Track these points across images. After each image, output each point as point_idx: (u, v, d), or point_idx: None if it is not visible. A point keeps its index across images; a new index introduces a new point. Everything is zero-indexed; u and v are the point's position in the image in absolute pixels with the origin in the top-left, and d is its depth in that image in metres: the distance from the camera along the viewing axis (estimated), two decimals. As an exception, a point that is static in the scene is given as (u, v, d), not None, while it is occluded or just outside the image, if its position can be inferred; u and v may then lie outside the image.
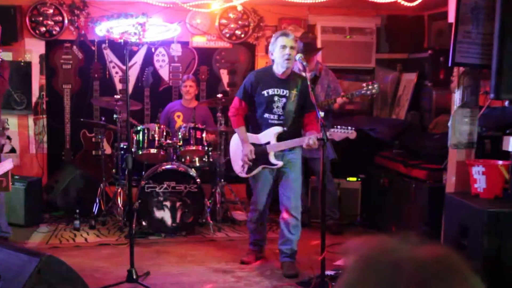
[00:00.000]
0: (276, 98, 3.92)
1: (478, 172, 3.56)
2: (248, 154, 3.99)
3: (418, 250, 0.86)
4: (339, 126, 3.67)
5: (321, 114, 3.38)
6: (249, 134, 4.07)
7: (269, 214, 4.37)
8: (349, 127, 3.67)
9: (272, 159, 3.99)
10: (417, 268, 0.82)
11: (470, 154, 3.86)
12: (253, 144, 4.03)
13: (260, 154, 4.00)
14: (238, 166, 4.13)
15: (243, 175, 4.14)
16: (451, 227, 3.69)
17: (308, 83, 3.59)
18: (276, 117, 3.95)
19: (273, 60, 3.94)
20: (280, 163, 3.98)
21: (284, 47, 3.81)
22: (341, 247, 3.97)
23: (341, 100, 4.85)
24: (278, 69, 3.91)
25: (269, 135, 3.99)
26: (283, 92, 3.92)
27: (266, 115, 3.96)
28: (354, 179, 5.51)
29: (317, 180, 5.21)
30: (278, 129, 3.95)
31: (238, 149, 4.12)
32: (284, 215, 4.02)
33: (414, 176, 4.61)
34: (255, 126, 4.07)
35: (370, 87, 4.71)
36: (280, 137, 3.96)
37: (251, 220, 4.26)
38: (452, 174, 3.90)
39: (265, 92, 3.93)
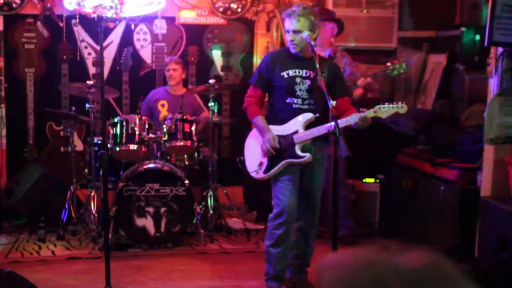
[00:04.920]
0: (298, 80, 3.83)
1: (519, 172, 3.56)
2: (271, 140, 3.78)
3: (400, 260, 0.90)
4: (386, 103, 3.66)
5: (333, 103, 3.38)
6: (270, 126, 3.88)
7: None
8: (400, 102, 3.64)
9: (298, 151, 3.79)
10: (402, 280, 0.86)
11: (510, 150, 3.86)
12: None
13: (285, 146, 3.81)
14: (254, 163, 3.93)
15: (260, 175, 3.90)
16: (487, 238, 3.69)
17: (319, 71, 3.55)
18: (300, 101, 3.84)
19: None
20: (308, 156, 3.78)
21: (287, 32, 3.82)
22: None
23: (363, 82, 4.81)
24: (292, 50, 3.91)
25: (296, 123, 3.82)
26: (306, 73, 3.84)
27: (289, 99, 3.85)
28: (372, 180, 5.52)
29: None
30: (309, 115, 3.80)
31: (256, 144, 3.94)
32: (303, 224, 3.99)
33: (443, 177, 4.61)
34: (277, 116, 3.91)
35: (397, 66, 4.69)
36: (311, 126, 3.80)
37: (275, 243, 3.87)
38: (488, 175, 3.89)
39: (284, 74, 3.86)
